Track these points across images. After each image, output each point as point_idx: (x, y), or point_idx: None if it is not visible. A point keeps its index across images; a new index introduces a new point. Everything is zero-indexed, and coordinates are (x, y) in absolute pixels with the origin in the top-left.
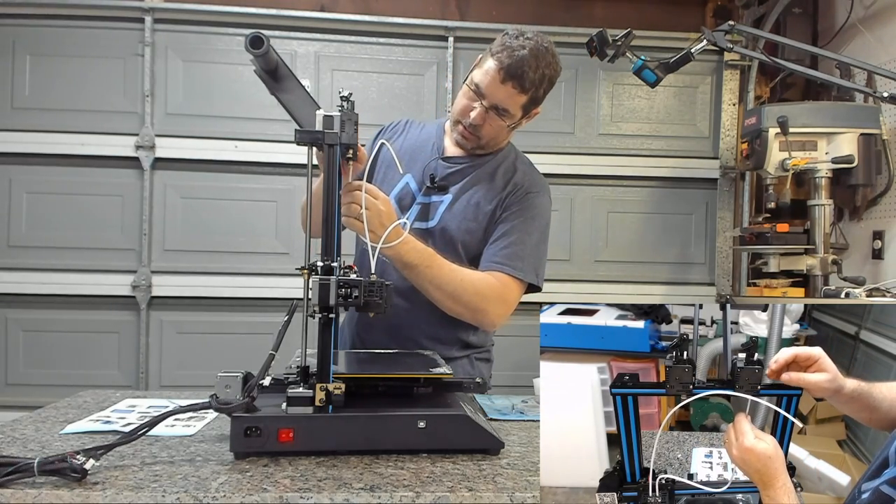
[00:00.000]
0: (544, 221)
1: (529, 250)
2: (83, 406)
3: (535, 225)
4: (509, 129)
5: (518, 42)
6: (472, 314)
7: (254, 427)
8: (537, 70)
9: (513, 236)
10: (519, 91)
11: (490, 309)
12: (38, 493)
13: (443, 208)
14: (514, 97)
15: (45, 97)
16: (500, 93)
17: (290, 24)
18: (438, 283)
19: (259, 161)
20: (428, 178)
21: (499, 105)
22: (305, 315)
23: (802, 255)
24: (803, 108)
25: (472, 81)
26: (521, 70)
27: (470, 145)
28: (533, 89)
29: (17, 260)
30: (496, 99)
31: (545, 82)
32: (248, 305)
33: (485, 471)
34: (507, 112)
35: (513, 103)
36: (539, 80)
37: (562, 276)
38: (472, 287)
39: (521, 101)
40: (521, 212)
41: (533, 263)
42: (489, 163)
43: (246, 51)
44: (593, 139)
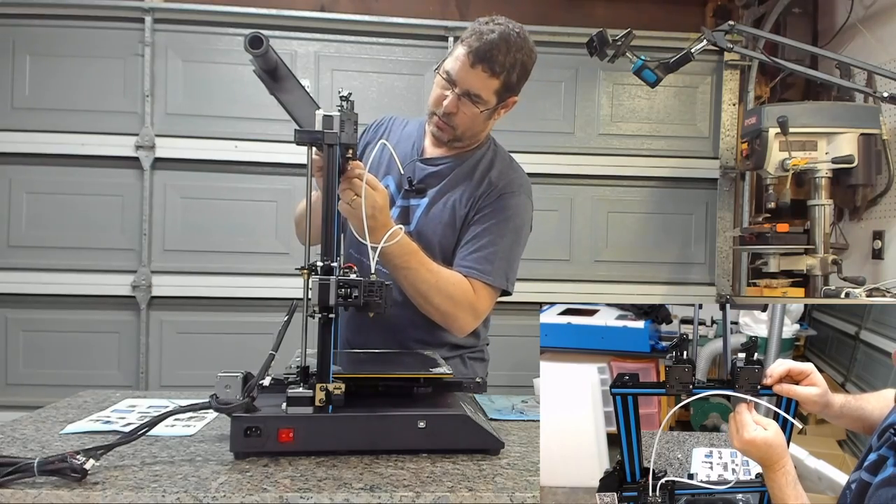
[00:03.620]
0: (519, 222)
1: (501, 254)
2: (83, 406)
3: (509, 227)
4: (485, 119)
5: (487, 27)
6: (441, 317)
7: (254, 427)
8: (508, 54)
9: (484, 239)
10: (490, 75)
11: (459, 315)
12: (38, 493)
13: (419, 212)
14: (485, 81)
15: (44, 97)
16: (471, 77)
17: (290, 24)
18: (412, 280)
19: (259, 161)
20: (407, 181)
21: (471, 91)
22: (305, 315)
23: (802, 255)
24: (803, 108)
25: (444, 69)
26: (490, 53)
27: (446, 137)
28: (504, 73)
29: (17, 260)
30: (467, 84)
31: (517, 67)
32: (248, 305)
33: (485, 471)
34: (480, 98)
35: (485, 88)
36: (511, 64)
37: (562, 276)
38: (445, 291)
39: (494, 87)
40: (493, 213)
41: (503, 268)
42: (467, 161)
43: (245, 51)
44: (593, 139)
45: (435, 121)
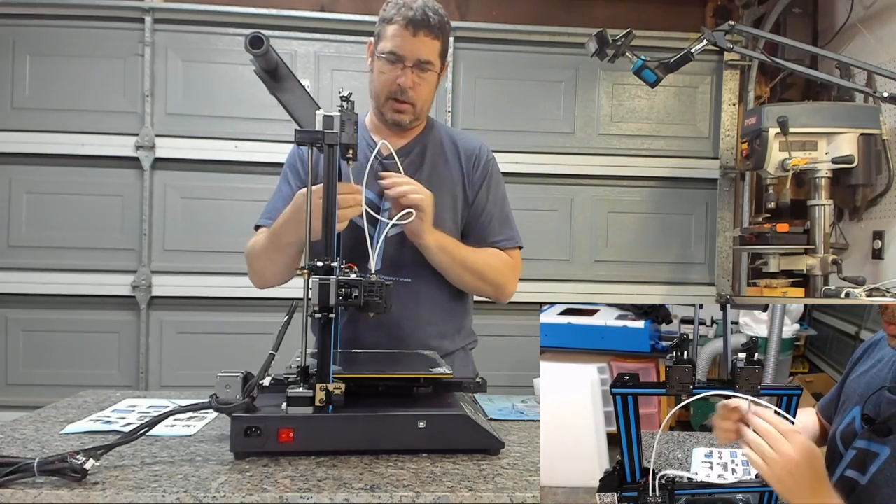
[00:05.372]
0: (501, 179)
1: (508, 215)
2: (83, 406)
3: (500, 188)
4: (434, 88)
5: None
6: (495, 290)
7: (254, 427)
8: (437, 14)
9: (493, 209)
10: (433, 38)
11: (510, 283)
12: (38, 493)
13: None
14: (430, 45)
15: (45, 97)
16: (418, 46)
17: (290, 24)
18: (468, 264)
19: (259, 161)
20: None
21: (421, 58)
22: (305, 315)
23: (802, 255)
24: (803, 108)
25: (383, 52)
26: (426, 18)
27: (408, 118)
28: (442, 34)
29: (17, 260)
30: (417, 53)
31: (446, 25)
32: (248, 305)
33: (485, 471)
34: (431, 63)
35: (431, 52)
36: (442, 23)
37: (562, 276)
38: (495, 266)
39: (437, 49)
40: (487, 184)
41: (515, 227)
42: (429, 143)
43: (246, 51)
44: (593, 139)
45: (391, 105)
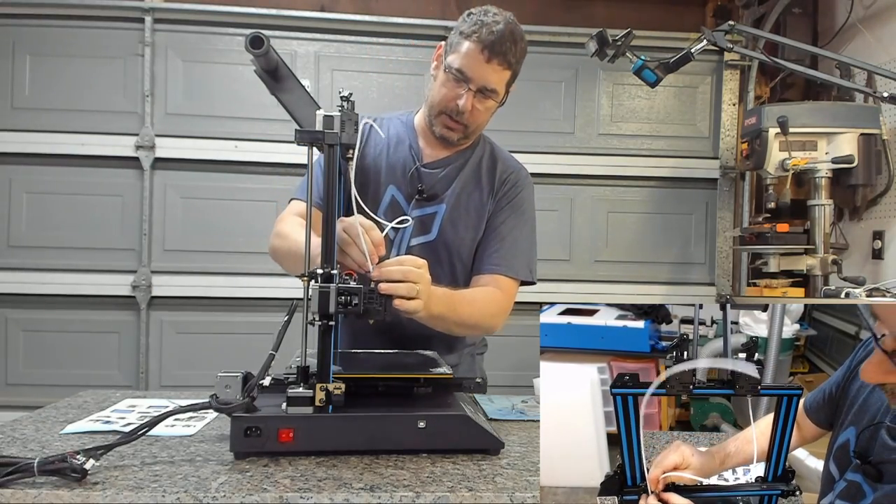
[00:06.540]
0: (532, 213)
1: (522, 248)
2: (83, 406)
3: (526, 219)
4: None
5: (492, 18)
6: (484, 331)
7: (254, 427)
8: (516, 44)
9: (506, 235)
10: (504, 67)
11: (499, 322)
12: (38, 493)
13: (439, 220)
14: (500, 75)
15: (45, 97)
16: (488, 73)
17: (290, 24)
18: (460, 320)
19: (259, 161)
20: (415, 189)
21: (487, 86)
22: (305, 315)
23: (802, 255)
24: (803, 108)
25: (452, 67)
26: (504, 46)
27: (456, 136)
28: (516, 63)
29: (17, 260)
30: (484, 80)
31: (523, 56)
32: (248, 305)
33: (485, 471)
34: (495, 92)
35: (499, 81)
36: (520, 54)
37: (562, 276)
38: (484, 309)
39: (506, 79)
40: (511, 208)
41: (526, 261)
42: (471, 160)
43: (246, 51)
44: (593, 139)
45: (444, 120)
